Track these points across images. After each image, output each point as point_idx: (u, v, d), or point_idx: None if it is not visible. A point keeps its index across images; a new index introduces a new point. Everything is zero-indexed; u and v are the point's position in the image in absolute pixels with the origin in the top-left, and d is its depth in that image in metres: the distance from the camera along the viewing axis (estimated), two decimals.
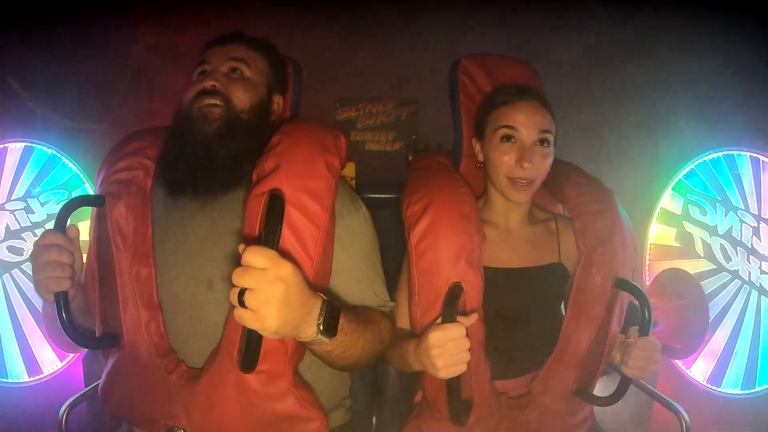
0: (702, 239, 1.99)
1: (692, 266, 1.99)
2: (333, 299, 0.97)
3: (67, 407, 1.31)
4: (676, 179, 2.05)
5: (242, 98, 1.17)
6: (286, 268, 0.83)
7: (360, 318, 1.07)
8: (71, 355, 1.97)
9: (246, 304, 0.81)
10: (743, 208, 1.96)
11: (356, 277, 1.18)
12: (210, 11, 1.93)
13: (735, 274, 1.95)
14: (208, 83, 1.16)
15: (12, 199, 1.98)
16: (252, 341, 0.85)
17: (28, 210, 1.98)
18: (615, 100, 2.07)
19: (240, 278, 0.81)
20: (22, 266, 1.98)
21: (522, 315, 1.28)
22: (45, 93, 1.98)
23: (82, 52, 1.98)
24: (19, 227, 1.97)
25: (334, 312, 0.93)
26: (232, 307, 0.84)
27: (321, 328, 0.91)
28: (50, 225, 1.36)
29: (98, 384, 1.21)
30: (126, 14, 1.97)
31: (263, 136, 1.16)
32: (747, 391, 1.96)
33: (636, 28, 2.02)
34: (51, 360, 1.99)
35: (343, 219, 1.15)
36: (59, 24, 1.95)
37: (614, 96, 2.07)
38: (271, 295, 0.81)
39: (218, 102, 1.15)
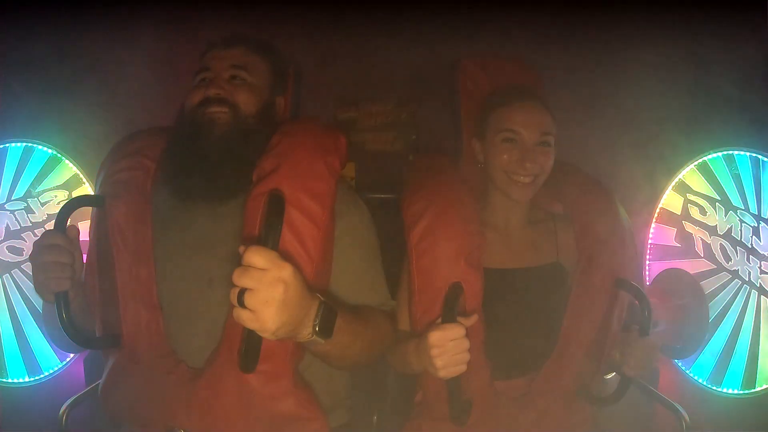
0: (702, 239, 1.99)
1: (692, 266, 1.99)
2: (331, 300, 0.97)
3: (67, 407, 1.31)
4: (676, 179, 2.04)
5: (248, 104, 1.17)
6: (286, 270, 0.83)
7: (359, 318, 1.07)
8: (71, 355, 1.97)
9: (245, 304, 0.81)
10: (743, 208, 1.95)
11: (356, 276, 1.18)
12: (210, 13, 1.93)
13: (735, 274, 1.95)
14: (212, 91, 1.15)
15: (12, 199, 1.98)
16: (252, 341, 0.85)
17: (28, 210, 1.98)
18: (615, 101, 2.07)
19: (240, 278, 0.81)
20: (22, 266, 1.97)
21: (521, 315, 1.28)
22: (46, 92, 1.98)
23: (84, 51, 1.98)
24: (19, 227, 1.97)
25: (330, 313, 0.93)
26: (232, 307, 0.84)
27: (317, 329, 0.91)
28: (50, 225, 1.36)
29: (98, 384, 1.21)
30: (128, 14, 1.97)
31: (269, 139, 1.16)
32: (747, 391, 1.96)
33: (635, 29, 2.02)
34: (51, 360, 1.99)
35: (343, 218, 1.15)
36: (62, 21, 1.95)
37: (614, 96, 2.07)
38: (270, 296, 0.81)
39: (225, 110, 1.14)
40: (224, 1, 1.98)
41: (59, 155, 2.00)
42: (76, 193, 2.01)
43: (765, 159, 1.95)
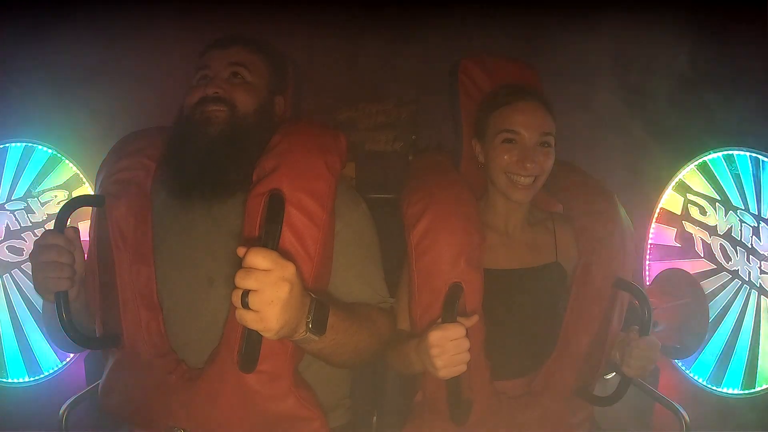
0: (702, 239, 1.99)
1: (692, 266, 1.99)
2: (324, 297, 0.97)
3: (67, 407, 1.31)
4: (676, 179, 2.04)
5: (246, 103, 1.17)
6: (290, 269, 0.83)
7: (353, 315, 1.07)
8: (71, 355, 1.97)
9: (250, 305, 0.81)
10: (743, 208, 1.95)
11: (356, 273, 1.18)
12: (210, 14, 1.93)
13: (735, 274, 1.95)
14: (211, 90, 1.15)
15: (12, 199, 1.98)
16: (252, 341, 0.85)
17: (28, 210, 1.98)
18: (615, 101, 2.07)
19: (243, 280, 0.81)
20: (22, 266, 1.98)
21: (521, 316, 1.28)
22: (45, 92, 1.98)
23: (85, 51, 1.98)
24: (19, 227, 1.97)
25: (322, 310, 0.93)
26: (233, 307, 0.84)
27: (310, 326, 0.91)
28: (50, 225, 1.36)
29: (98, 384, 1.21)
30: (129, 14, 1.97)
31: (267, 138, 1.16)
32: (747, 391, 1.96)
33: (636, 29, 2.02)
34: (51, 360, 1.99)
35: (342, 216, 1.16)
36: (61, 21, 1.95)
37: (614, 97, 2.07)
38: (276, 296, 0.81)
39: (222, 108, 1.15)
40: (225, 2, 1.99)
41: (59, 155, 2.00)
42: (76, 193, 2.01)
43: (765, 159, 1.95)
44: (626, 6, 1.95)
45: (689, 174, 2.04)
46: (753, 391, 1.96)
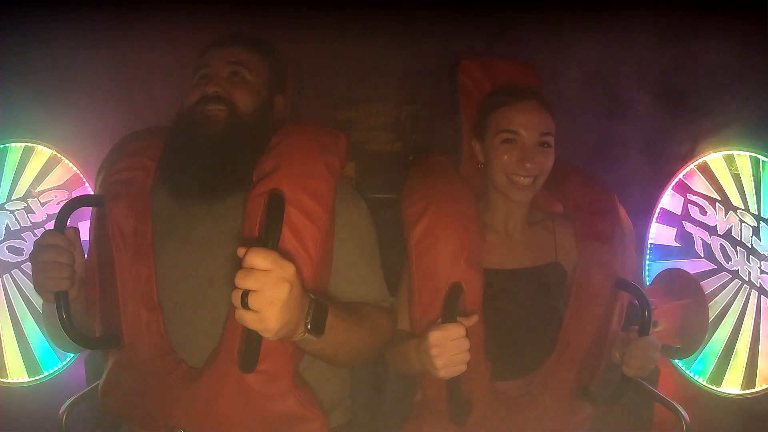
0: (702, 239, 1.99)
1: (692, 266, 1.99)
2: (323, 297, 0.97)
3: (67, 407, 1.31)
4: (676, 179, 2.05)
5: (245, 102, 1.18)
6: (290, 269, 0.83)
7: (353, 315, 1.07)
8: (71, 355, 1.97)
9: (249, 305, 0.81)
10: (743, 208, 1.95)
11: (355, 272, 1.18)
12: (208, 14, 1.93)
13: (735, 274, 1.95)
14: (210, 89, 1.16)
15: (12, 199, 1.98)
16: (252, 341, 0.85)
17: (28, 210, 1.98)
18: (615, 101, 2.07)
19: (243, 280, 0.80)
20: (22, 266, 1.98)
21: (521, 316, 1.28)
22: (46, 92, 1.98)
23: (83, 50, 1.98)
24: (19, 227, 1.97)
25: (321, 310, 0.93)
26: (233, 307, 0.84)
27: (308, 327, 0.91)
28: (50, 225, 1.36)
29: (98, 384, 1.21)
30: (128, 14, 1.97)
31: (267, 138, 1.16)
32: (747, 391, 1.96)
33: (636, 29, 2.02)
34: (51, 360, 1.99)
35: (342, 215, 1.16)
36: (61, 21, 1.95)
37: (614, 97, 2.07)
38: (276, 296, 0.81)
39: (222, 108, 1.15)
40: (224, 2, 1.98)
41: (59, 155, 2.00)
42: (76, 193, 2.01)
43: (765, 159, 1.95)
44: (628, 5, 1.95)
45: (689, 174, 2.04)
46: (753, 391, 1.96)
